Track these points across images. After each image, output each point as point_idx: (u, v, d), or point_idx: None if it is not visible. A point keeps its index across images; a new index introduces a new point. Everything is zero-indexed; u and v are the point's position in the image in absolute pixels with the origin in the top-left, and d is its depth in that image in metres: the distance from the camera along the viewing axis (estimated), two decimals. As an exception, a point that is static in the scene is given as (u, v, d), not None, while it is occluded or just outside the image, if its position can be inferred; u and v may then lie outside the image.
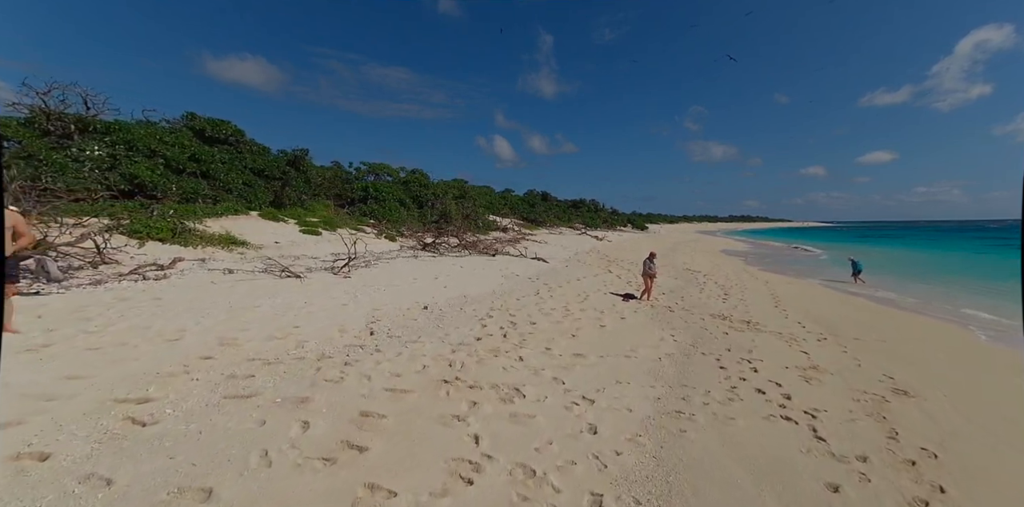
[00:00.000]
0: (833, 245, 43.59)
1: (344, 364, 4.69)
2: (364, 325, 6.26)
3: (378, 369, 4.64)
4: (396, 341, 5.64)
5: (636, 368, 5.31)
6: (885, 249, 38.43)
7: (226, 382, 4.03)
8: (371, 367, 4.68)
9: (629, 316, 8.30)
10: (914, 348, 7.39)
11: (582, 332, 6.72)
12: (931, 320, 9.87)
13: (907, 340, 7.88)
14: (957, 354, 7.15)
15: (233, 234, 10.78)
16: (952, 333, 8.67)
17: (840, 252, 32.29)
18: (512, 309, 7.90)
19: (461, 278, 10.77)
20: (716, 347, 6.69)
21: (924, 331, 8.73)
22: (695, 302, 10.62)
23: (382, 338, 5.74)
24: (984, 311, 10.85)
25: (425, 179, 25.59)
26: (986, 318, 10.05)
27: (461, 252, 14.90)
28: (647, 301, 10.05)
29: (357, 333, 5.92)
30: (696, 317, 8.79)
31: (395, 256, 12.45)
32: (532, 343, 5.91)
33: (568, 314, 7.79)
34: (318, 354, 4.97)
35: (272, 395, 3.82)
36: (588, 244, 27.86)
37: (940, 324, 9.48)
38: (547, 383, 4.57)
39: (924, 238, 56.57)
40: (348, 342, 5.51)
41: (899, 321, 9.64)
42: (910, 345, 7.56)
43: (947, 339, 8.15)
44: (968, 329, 9.00)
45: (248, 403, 3.65)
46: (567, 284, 11.41)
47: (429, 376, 4.53)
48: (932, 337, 8.26)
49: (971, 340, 8.16)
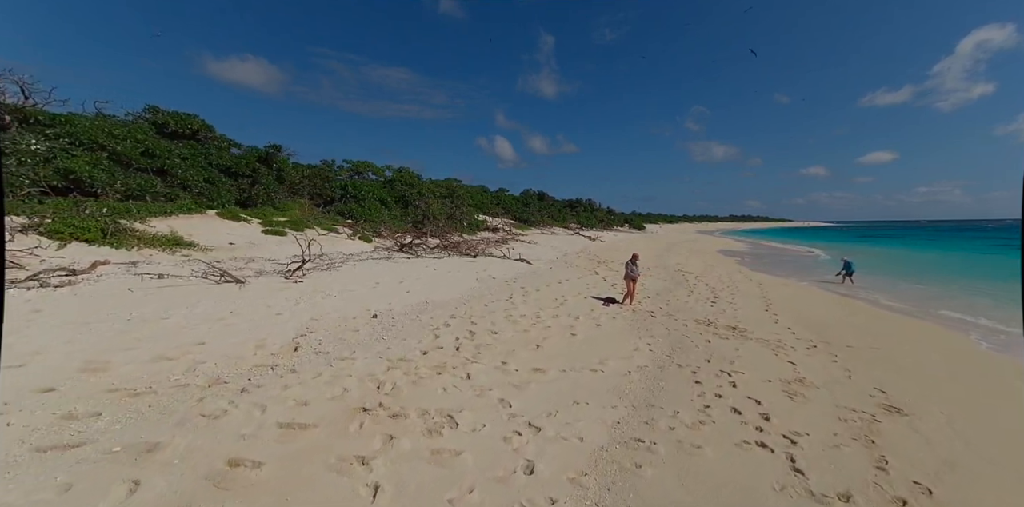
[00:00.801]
0: (833, 245, 43.34)
1: (240, 391, 4.05)
2: (291, 339, 5.62)
3: (281, 397, 4.01)
4: (322, 358, 5.08)
5: (600, 384, 4.82)
6: (885, 249, 38.18)
7: (54, 425, 3.22)
8: (273, 395, 4.05)
9: (606, 323, 7.82)
10: (910, 356, 6.95)
11: (549, 342, 6.22)
12: (928, 324, 9.46)
13: (902, 347, 7.45)
14: (955, 363, 6.72)
15: (180, 235, 10.08)
16: (950, 339, 8.25)
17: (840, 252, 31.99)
18: (476, 316, 7.39)
19: (430, 282, 10.26)
20: (695, 357, 6.22)
21: (921, 337, 8.31)
22: (681, 306, 10.17)
23: (307, 355, 5.17)
24: (984, 315, 10.45)
25: (412, 178, 25.05)
26: (986, 323, 9.65)
27: (440, 253, 14.39)
28: (629, 305, 9.58)
29: (278, 349, 5.30)
30: (679, 323, 8.32)
31: (366, 258, 11.90)
32: (487, 356, 5.41)
33: (538, 322, 7.29)
34: (210, 379, 4.32)
35: (111, 442, 3.03)
36: (579, 244, 27.41)
37: (938, 329, 9.06)
38: (490, 407, 4.08)
39: (924, 238, 56.48)
40: (260, 362, 4.87)
41: (895, 326, 9.21)
42: (905, 353, 7.12)
43: (945, 346, 7.72)
44: (967, 335, 8.58)
45: (67, 457, 2.83)
46: (546, 287, 10.92)
47: (346, 403, 3.96)
48: (929, 344, 7.83)
49: (970, 347, 7.74)
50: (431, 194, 23.65)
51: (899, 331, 8.70)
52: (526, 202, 50.21)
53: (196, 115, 16.35)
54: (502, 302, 8.67)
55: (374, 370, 4.80)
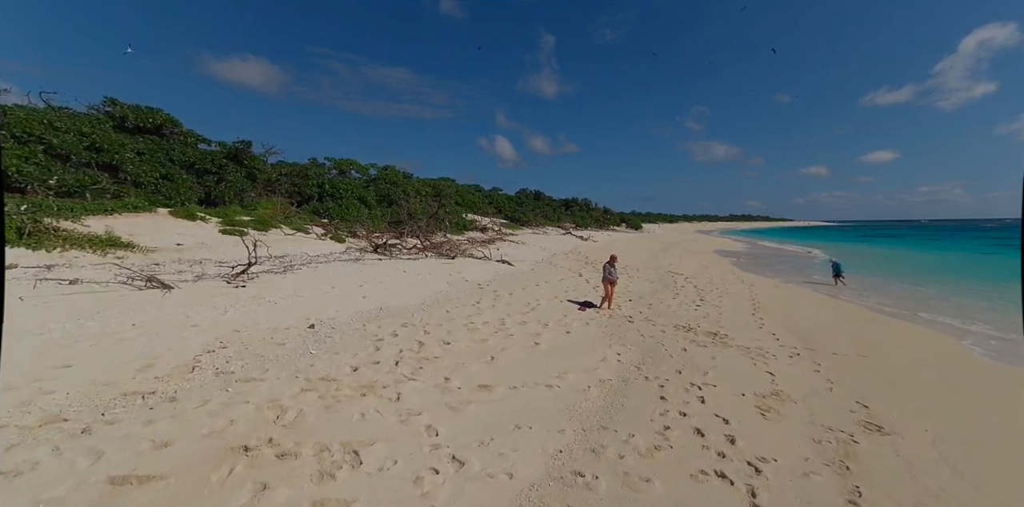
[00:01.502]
0: (831, 245, 43.15)
1: (80, 432, 3.26)
2: (192, 357, 4.89)
3: (136, 436, 3.26)
4: (220, 381, 4.43)
5: (553, 403, 4.39)
6: (883, 249, 38.00)
7: None
8: (125, 434, 3.28)
9: (577, 329, 7.40)
10: (899, 365, 6.57)
11: (507, 353, 5.78)
12: (921, 329, 9.09)
13: (892, 355, 7.07)
14: (947, 372, 6.34)
15: (117, 235, 9.37)
16: (943, 345, 7.88)
17: (838, 252, 31.75)
18: (432, 324, 6.91)
19: (394, 285, 9.72)
20: (666, 368, 5.82)
21: (912, 343, 7.94)
22: (663, 310, 9.78)
23: (204, 377, 4.47)
24: (980, 319, 10.10)
25: (397, 176, 24.58)
26: (981, 328, 9.29)
27: (417, 255, 13.94)
28: (607, 310, 9.18)
29: (168, 371, 4.54)
30: (657, 329, 7.93)
31: (333, 259, 11.37)
32: (430, 372, 4.93)
33: (501, 329, 6.85)
34: (46, 416, 3.49)
35: None
36: (570, 244, 27.01)
37: (930, 334, 8.70)
38: (412, 436, 3.58)
39: (924, 237, 56.40)
40: (133, 388, 4.10)
41: (886, 330, 8.85)
42: (895, 361, 6.75)
43: (937, 353, 7.35)
44: (961, 340, 8.21)
45: None
46: (521, 290, 10.49)
47: (224, 440, 3.29)
48: (920, 350, 7.46)
49: (964, 354, 7.37)
50: (416, 193, 23.20)
51: (890, 336, 8.34)
52: (520, 202, 49.96)
53: (159, 109, 15.76)
54: (467, 307, 8.21)
55: (281, 394, 4.22)
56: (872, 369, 6.35)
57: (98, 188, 11.31)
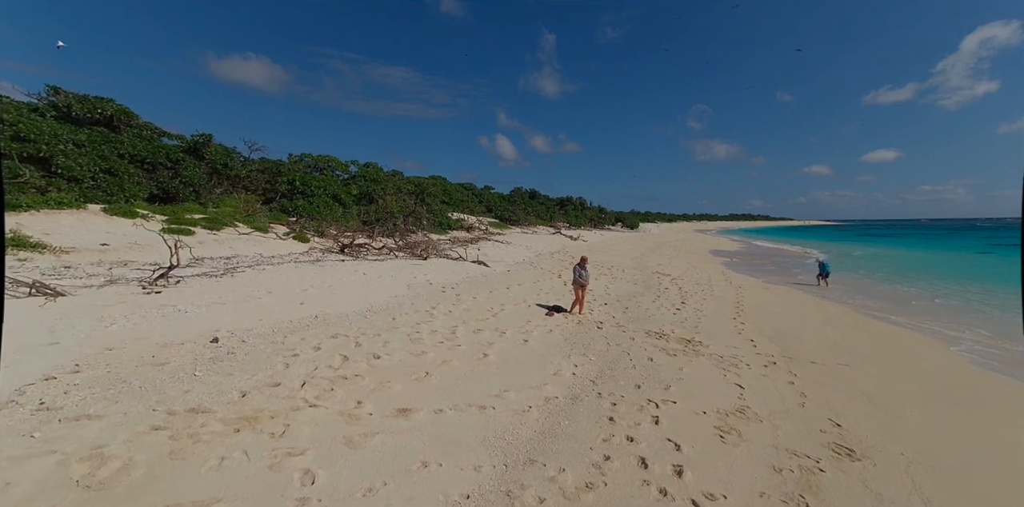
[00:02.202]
0: (829, 244, 43.00)
1: None
2: (17, 388, 3.89)
3: None
4: (35, 420, 3.43)
5: (478, 430, 3.89)
6: (880, 248, 37.86)
7: None
8: None
9: (537, 338, 6.95)
10: (881, 375, 6.17)
11: (446, 368, 5.28)
12: (910, 334, 8.72)
13: (875, 363, 6.68)
14: (934, 384, 5.95)
15: (27, 233, 8.56)
16: (932, 353, 7.50)
17: (833, 252, 31.53)
18: (369, 334, 6.31)
19: (344, 290, 9.04)
20: (625, 382, 5.38)
21: (899, 350, 7.55)
22: (640, 314, 9.35)
23: (16, 416, 3.46)
24: (974, 323, 9.75)
25: (377, 174, 24.02)
26: (975, 333, 8.93)
27: (387, 255, 13.40)
28: (578, 314, 8.74)
29: None
30: (627, 336, 7.49)
31: (289, 261, 10.77)
32: (341, 395, 4.31)
33: (449, 339, 6.34)
34: None
35: None
36: (558, 244, 26.56)
37: (919, 339, 8.32)
38: (275, 489, 2.86)
39: (922, 237, 56.42)
40: None
41: (872, 335, 8.46)
42: (877, 370, 6.35)
43: (925, 362, 6.96)
44: (952, 347, 7.84)
45: None
46: (488, 293, 10.01)
47: None
48: (907, 358, 7.07)
49: (954, 363, 6.98)
50: (398, 191, 22.66)
51: (875, 342, 7.95)
52: (513, 201, 49.63)
53: (111, 99, 15.00)
54: (418, 314, 7.67)
55: (115, 437, 3.29)
56: (852, 380, 5.94)
57: (19, 182, 10.46)
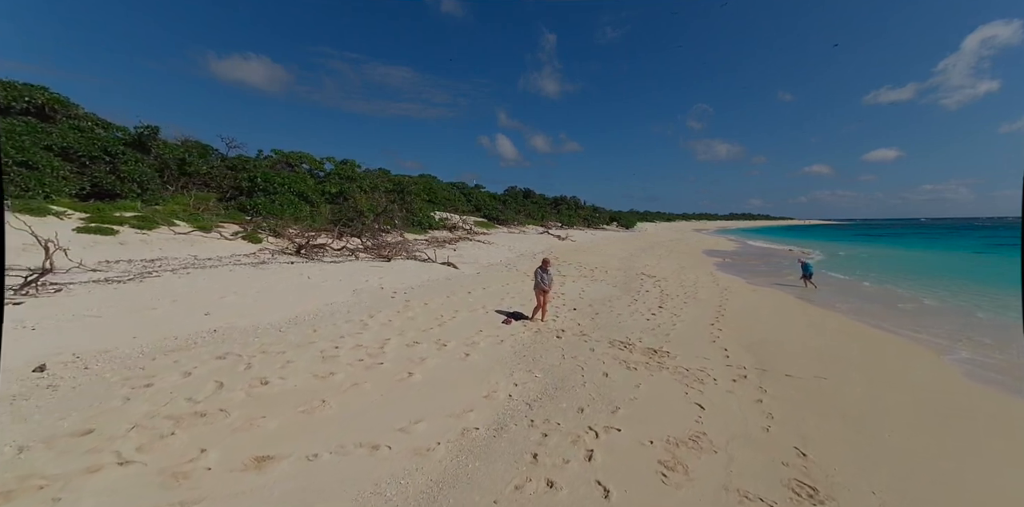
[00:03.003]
0: (827, 244, 42.73)
1: None
2: None
3: None
4: None
5: (357, 483, 3.17)
6: (876, 248, 37.60)
7: None
8: None
9: (484, 350, 6.35)
10: (863, 390, 5.64)
11: (353, 394, 4.57)
12: (899, 341, 8.20)
13: (857, 376, 6.15)
14: (920, 400, 5.41)
15: None
16: (922, 363, 6.97)
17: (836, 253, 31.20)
18: (271, 352, 5.48)
19: (275, 297, 8.15)
20: (569, 404, 4.81)
21: (885, 359, 7.03)
22: (609, 320, 8.80)
23: None
24: (970, 327, 9.26)
25: (352, 171, 23.33)
26: (970, 339, 8.42)
27: (348, 256, 12.70)
28: (539, 322, 8.16)
29: None
30: (587, 346, 6.92)
31: (227, 263, 9.97)
32: (177, 443, 3.39)
33: (373, 355, 5.61)
34: None
35: None
36: (544, 244, 26.00)
37: (909, 348, 7.80)
38: None
39: (921, 236, 56.34)
40: None
41: (858, 342, 7.94)
42: (858, 385, 5.81)
43: (912, 373, 6.44)
44: (944, 356, 7.32)
45: None
46: (445, 299, 9.40)
47: None
48: (893, 369, 6.55)
49: (945, 375, 6.46)
50: (375, 189, 22.01)
51: (860, 350, 7.43)
52: (504, 200, 49.20)
53: (44, 87, 14.13)
54: (350, 324, 6.94)
55: None
56: (828, 396, 5.40)
57: None
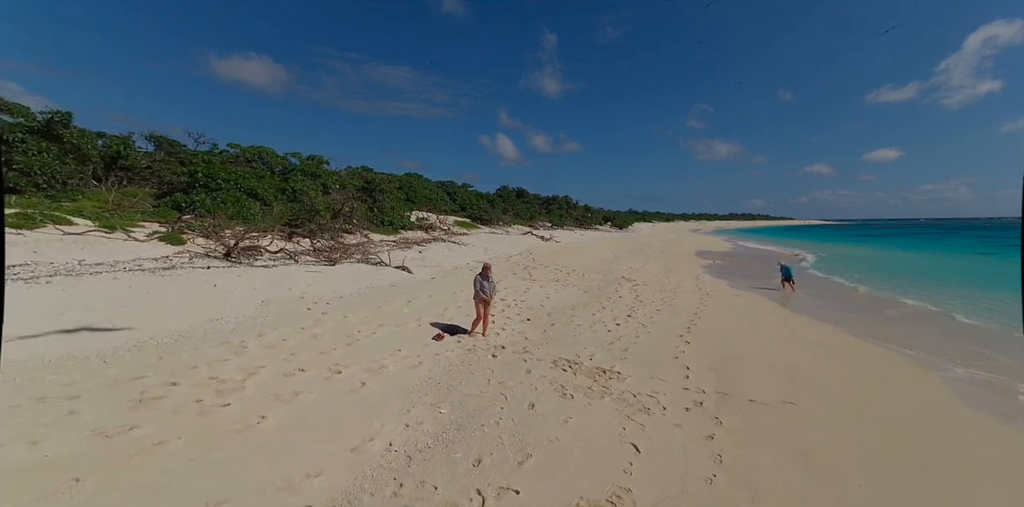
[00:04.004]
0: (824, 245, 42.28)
1: None
2: None
3: None
4: None
5: None
6: (873, 249, 37.17)
7: None
8: None
9: (388, 377, 5.44)
10: (835, 417, 4.87)
11: (149, 457, 3.53)
12: (887, 355, 7.43)
13: (832, 398, 5.38)
14: (904, 432, 4.62)
15: None
16: (909, 381, 6.21)
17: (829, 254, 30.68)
18: (50, 399, 4.20)
19: (151, 310, 7.04)
20: (466, 452, 3.95)
21: (867, 377, 6.26)
22: (564, 332, 7.99)
23: None
24: (969, 339, 8.51)
25: (317, 168, 22.33)
26: (968, 351, 7.67)
27: (283, 260, 11.63)
28: (481, 336, 7.31)
29: None
30: (525, 367, 6.08)
31: (119, 269, 8.45)
32: None
33: (225, 393, 4.59)
34: None
35: None
36: (524, 246, 25.17)
37: (897, 363, 7.02)
38: None
39: (920, 236, 56.15)
40: None
41: (838, 356, 7.17)
42: (832, 410, 5.05)
43: (898, 396, 5.66)
44: (935, 373, 6.55)
45: None
46: (376, 310, 8.49)
47: None
48: (875, 390, 5.77)
49: (936, 398, 5.68)
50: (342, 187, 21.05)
51: (839, 367, 6.66)
52: (492, 200, 48.51)
53: None
54: (224, 348, 5.90)
55: None
56: (794, 427, 4.61)
57: None
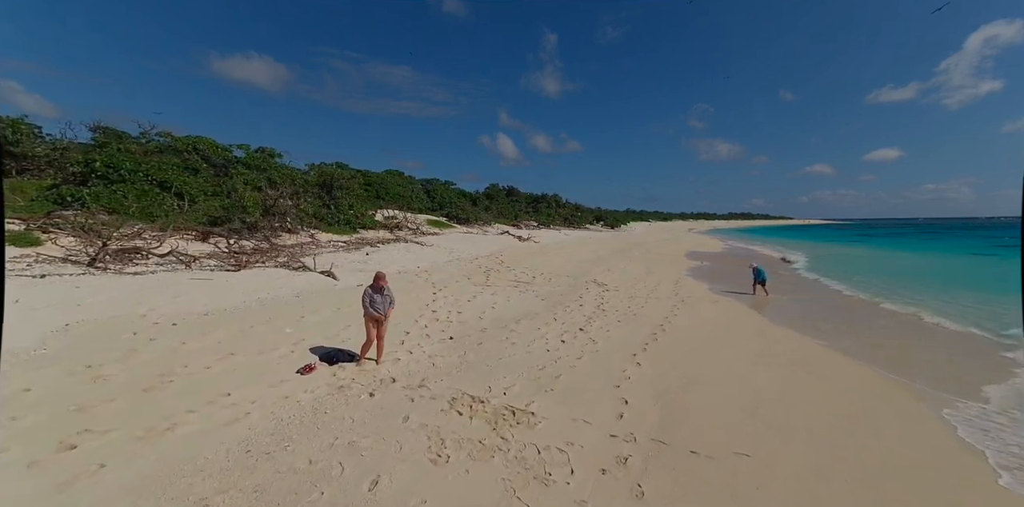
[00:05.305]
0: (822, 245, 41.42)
1: None
2: None
3: None
4: None
5: None
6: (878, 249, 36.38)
7: None
8: None
9: (174, 442, 3.97)
10: (799, 476, 3.63)
11: None
12: (874, 378, 6.24)
13: (800, 445, 4.16)
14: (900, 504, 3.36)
15: None
16: (903, 417, 4.98)
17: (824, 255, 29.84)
18: None
19: None
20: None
21: (850, 411, 5.06)
22: (491, 354, 6.74)
23: None
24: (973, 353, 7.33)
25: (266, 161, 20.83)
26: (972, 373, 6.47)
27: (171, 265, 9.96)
28: (374, 365, 5.95)
29: None
30: (404, 412, 4.74)
31: None
32: None
33: None
34: None
35: None
36: (497, 246, 23.87)
37: (888, 391, 5.81)
38: None
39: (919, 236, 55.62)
40: None
41: (817, 381, 5.99)
42: (797, 466, 3.84)
43: (888, 439, 4.42)
44: (944, 410, 5.32)
45: None
46: (243, 331, 6.94)
47: None
48: (858, 430, 4.56)
49: (937, 443, 4.45)
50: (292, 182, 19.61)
51: (816, 396, 5.48)
52: (475, 198, 47.33)
53: None
54: None
55: None
56: (742, 499, 3.34)
57: None
